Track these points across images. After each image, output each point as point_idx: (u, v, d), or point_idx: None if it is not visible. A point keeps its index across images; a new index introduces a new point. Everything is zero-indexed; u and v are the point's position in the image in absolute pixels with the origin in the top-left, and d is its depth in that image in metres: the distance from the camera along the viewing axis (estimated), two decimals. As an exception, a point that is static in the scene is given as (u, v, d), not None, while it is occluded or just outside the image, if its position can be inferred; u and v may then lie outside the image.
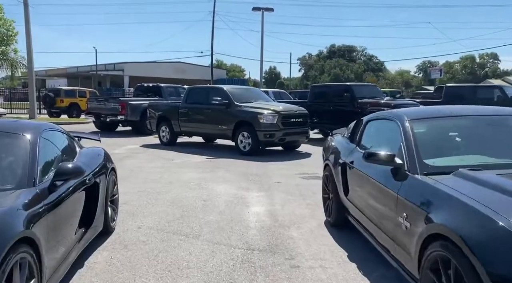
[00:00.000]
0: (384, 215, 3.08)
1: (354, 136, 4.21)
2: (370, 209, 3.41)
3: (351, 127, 4.47)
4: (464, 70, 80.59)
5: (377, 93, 12.45)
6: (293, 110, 9.98)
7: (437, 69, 50.57)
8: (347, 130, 4.72)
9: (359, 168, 3.61)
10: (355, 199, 3.78)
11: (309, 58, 78.86)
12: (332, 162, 4.43)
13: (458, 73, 79.76)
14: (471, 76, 77.59)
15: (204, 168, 8.32)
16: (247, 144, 9.84)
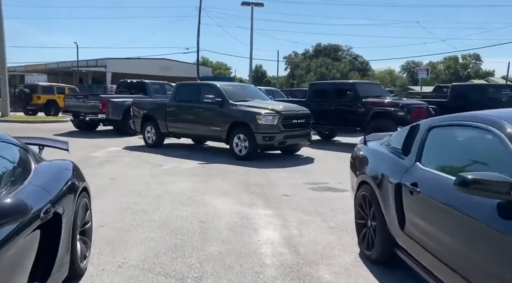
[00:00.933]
0: (480, 266, 2.06)
1: (409, 147, 3.15)
2: (450, 253, 2.37)
3: (402, 136, 3.41)
4: (447, 70, 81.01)
5: (382, 92, 11.50)
6: (295, 111, 8.93)
7: (423, 69, 50.21)
8: (392, 138, 3.66)
9: (433, 195, 2.56)
10: (420, 235, 2.73)
11: (295, 57, 78.15)
12: (376, 180, 3.37)
13: (442, 74, 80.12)
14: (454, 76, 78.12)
15: (197, 175, 7.19)
16: (243, 148, 8.74)
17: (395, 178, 3.07)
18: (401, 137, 3.40)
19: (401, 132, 3.53)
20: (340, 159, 9.06)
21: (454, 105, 11.98)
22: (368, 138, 4.20)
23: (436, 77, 77.67)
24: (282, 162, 8.61)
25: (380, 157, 3.56)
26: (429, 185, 2.65)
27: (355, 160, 4.17)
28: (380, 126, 9.99)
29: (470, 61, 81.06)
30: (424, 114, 10.37)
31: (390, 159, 3.35)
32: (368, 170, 3.64)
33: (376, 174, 3.44)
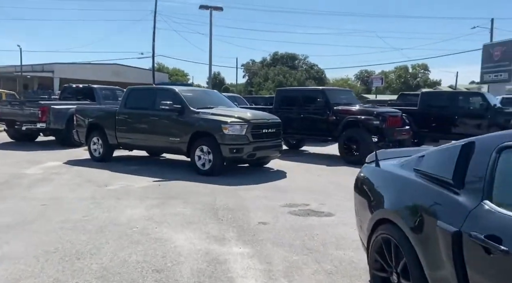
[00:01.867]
0: None
1: (465, 176, 2.13)
2: None
3: (445, 158, 2.35)
4: (398, 79, 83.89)
5: (353, 99, 10.74)
6: (265, 119, 7.86)
7: (378, 78, 51.31)
8: (424, 160, 2.61)
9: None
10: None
11: (253, 65, 77.80)
12: (409, 221, 2.32)
13: (393, 82, 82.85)
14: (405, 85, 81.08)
15: (153, 198, 5.91)
16: (207, 161, 7.55)
17: (449, 222, 2.03)
18: (444, 160, 2.37)
19: (442, 153, 2.51)
20: (313, 172, 8.10)
21: (424, 113, 11.49)
22: (380, 156, 3.18)
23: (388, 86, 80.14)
24: (252, 177, 7.50)
25: (412, 186, 2.52)
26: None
27: (364, 186, 3.13)
28: (353, 136, 9.19)
29: (419, 71, 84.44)
30: (399, 123, 9.71)
31: (431, 191, 2.31)
32: (392, 203, 2.60)
33: (408, 212, 2.40)
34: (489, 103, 10.66)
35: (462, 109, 11.24)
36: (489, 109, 10.57)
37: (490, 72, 25.41)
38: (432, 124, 11.52)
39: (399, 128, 9.50)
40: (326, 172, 8.18)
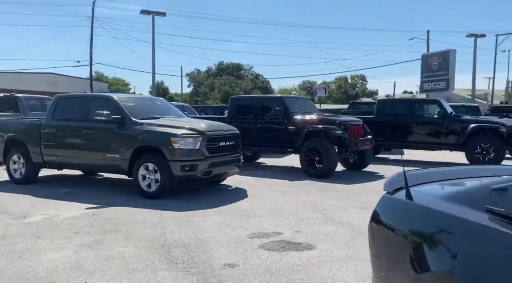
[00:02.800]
0: None
1: None
2: None
3: None
4: (338, 89, 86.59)
5: (312, 108, 10.01)
6: (222, 130, 6.80)
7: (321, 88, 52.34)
8: (505, 193, 1.71)
9: None
10: None
11: (198, 74, 76.37)
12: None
13: (334, 92, 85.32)
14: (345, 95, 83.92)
15: (84, 233, 4.60)
16: (153, 181, 6.33)
17: None
18: None
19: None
20: (276, 189, 7.15)
21: (381, 122, 11.06)
22: (412, 180, 2.21)
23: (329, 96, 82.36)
24: (208, 198, 6.39)
25: (501, 243, 1.58)
26: None
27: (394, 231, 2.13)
28: (316, 147, 8.40)
29: (358, 81, 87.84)
30: (361, 132, 9.09)
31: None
32: (464, 269, 1.65)
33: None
34: (446, 110, 10.44)
35: (420, 117, 10.95)
36: (446, 116, 10.34)
37: (429, 81, 26.36)
38: (387, 133, 11.12)
39: (361, 138, 8.87)
40: (290, 188, 7.28)
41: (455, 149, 10.35)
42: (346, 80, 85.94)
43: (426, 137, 10.67)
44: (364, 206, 5.85)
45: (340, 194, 6.71)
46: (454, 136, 10.24)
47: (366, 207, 5.82)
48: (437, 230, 1.83)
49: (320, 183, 7.72)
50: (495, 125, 9.84)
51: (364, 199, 6.34)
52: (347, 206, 5.90)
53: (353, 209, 5.69)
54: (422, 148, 11.01)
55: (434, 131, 10.58)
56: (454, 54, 25.09)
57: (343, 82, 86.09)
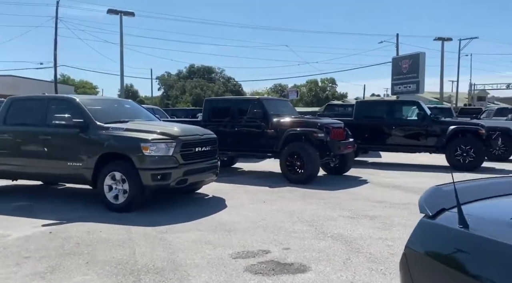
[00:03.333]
0: None
1: None
2: None
3: None
4: (309, 92, 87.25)
5: (291, 110, 9.52)
6: (198, 135, 6.17)
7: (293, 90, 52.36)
8: None
9: None
10: None
11: (169, 77, 74.91)
12: None
13: (305, 95, 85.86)
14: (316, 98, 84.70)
15: (38, 257, 3.87)
16: (120, 192, 5.64)
17: None
18: None
19: None
20: (256, 198, 6.60)
21: (360, 124, 10.75)
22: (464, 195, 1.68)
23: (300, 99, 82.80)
24: (183, 210, 5.76)
25: None
26: None
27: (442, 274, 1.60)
28: (297, 151, 7.91)
29: (328, 85, 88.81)
30: (342, 135, 8.69)
31: None
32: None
33: None
34: (425, 112, 10.23)
35: (399, 119, 10.71)
36: (426, 118, 10.12)
37: (399, 83, 26.62)
38: (366, 135, 10.81)
39: (344, 141, 8.47)
40: (271, 196, 6.74)
41: (435, 151, 10.16)
42: (316, 83, 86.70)
43: (406, 139, 10.43)
44: (353, 215, 5.40)
45: (326, 202, 6.24)
46: (434, 139, 10.03)
47: (355, 216, 5.37)
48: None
49: (303, 190, 7.23)
50: (475, 127, 9.70)
51: (352, 207, 5.89)
52: (336, 215, 5.42)
53: (342, 219, 5.21)
54: (402, 151, 10.77)
55: (414, 133, 10.35)
56: (424, 57, 25.46)
57: (313, 85, 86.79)
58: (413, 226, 1.73)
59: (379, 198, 6.57)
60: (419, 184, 7.79)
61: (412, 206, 5.91)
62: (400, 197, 6.62)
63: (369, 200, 6.42)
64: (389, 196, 6.75)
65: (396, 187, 7.54)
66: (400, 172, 9.55)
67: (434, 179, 8.41)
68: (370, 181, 8.22)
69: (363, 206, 5.99)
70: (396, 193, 6.98)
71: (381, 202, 6.27)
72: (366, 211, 5.66)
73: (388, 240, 4.33)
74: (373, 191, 7.15)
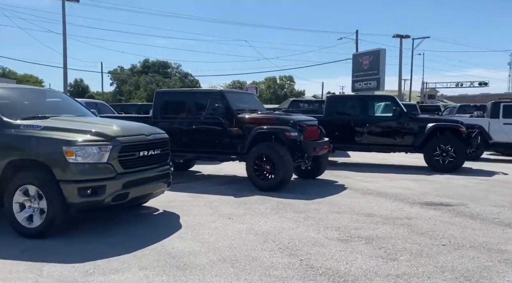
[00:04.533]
0: None
1: None
2: None
3: None
4: (268, 90, 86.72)
5: (258, 105, 8.26)
6: (143, 135, 4.73)
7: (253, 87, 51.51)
8: None
9: None
10: None
11: (122, 72, 71.29)
12: None
13: (263, 92, 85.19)
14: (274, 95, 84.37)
15: None
16: (36, 212, 4.15)
17: None
18: None
19: None
20: (220, 212, 5.30)
21: (331, 121, 9.72)
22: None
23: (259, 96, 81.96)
24: (122, 233, 4.34)
25: None
26: None
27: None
28: (266, 153, 6.68)
29: (286, 82, 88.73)
30: (317, 134, 7.58)
31: None
32: None
33: None
34: (401, 108, 9.37)
35: (373, 116, 9.78)
36: (402, 115, 9.26)
37: (360, 80, 26.18)
38: (336, 133, 9.81)
39: (319, 141, 7.36)
40: (238, 209, 5.48)
41: (412, 151, 9.33)
42: (275, 80, 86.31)
43: (380, 138, 9.53)
44: (344, 237, 4.25)
45: (305, 217, 5.06)
46: (411, 137, 9.19)
47: (347, 238, 4.23)
48: None
49: (275, 199, 6.03)
50: (455, 124, 8.94)
51: (338, 224, 4.75)
52: (323, 238, 4.25)
53: (333, 244, 4.04)
54: (376, 150, 9.86)
55: (389, 131, 9.46)
56: (384, 54, 25.15)
57: (272, 83, 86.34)
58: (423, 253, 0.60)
59: (366, 209, 5.49)
60: (404, 190, 6.83)
61: (408, 221, 4.87)
62: (390, 208, 5.58)
63: (355, 212, 5.32)
64: (376, 206, 5.69)
65: (379, 194, 6.52)
66: (375, 174, 8.60)
67: (417, 183, 7.52)
68: (348, 186, 7.16)
69: (351, 221, 4.87)
70: (382, 202, 5.94)
71: (370, 215, 5.18)
72: (358, 229, 4.53)
73: (400, 279, 3.21)
74: (356, 200, 6.08)
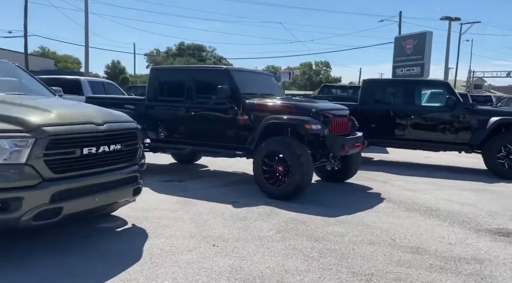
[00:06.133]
0: None
1: None
2: None
3: None
4: (303, 76, 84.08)
5: (275, 88, 6.64)
6: (91, 123, 3.26)
7: (286, 72, 49.31)
8: None
9: None
10: None
11: (157, 55, 71.15)
12: None
13: (298, 78, 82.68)
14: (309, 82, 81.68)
15: None
16: None
17: None
18: None
19: None
20: (204, 230, 3.81)
21: (368, 110, 7.96)
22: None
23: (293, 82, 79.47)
24: (48, 267, 2.96)
25: None
26: None
27: None
28: (279, 151, 5.10)
29: (322, 68, 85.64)
30: (347, 126, 5.88)
31: None
32: None
33: None
34: (458, 97, 7.45)
35: (420, 105, 7.92)
36: (458, 105, 7.35)
37: (402, 66, 23.72)
38: (373, 126, 8.05)
39: (349, 137, 5.68)
40: (231, 229, 3.97)
41: (469, 151, 7.42)
42: (310, 66, 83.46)
43: (428, 133, 7.67)
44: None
45: (323, 249, 3.48)
46: (468, 133, 7.28)
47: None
48: None
49: (285, 213, 4.48)
50: (529, 119, 6.95)
51: (369, 264, 3.14)
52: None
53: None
54: (421, 148, 7.99)
55: (440, 125, 7.58)
56: (431, 37, 22.53)
57: (307, 68, 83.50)
58: None
59: (412, 238, 3.83)
60: (462, 206, 5.05)
61: (479, 269, 3.16)
62: (446, 238, 3.88)
63: (396, 244, 3.67)
64: (426, 234, 4.00)
65: (429, 212, 4.80)
66: (420, 178, 6.82)
67: (478, 195, 5.68)
68: (386, 197, 5.48)
69: (391, 263, 3.24)
70: (434, 227, 4.24)
71: (418, 251, 3.52)
72: (401, 282, 2.90)
73: None
74: (397, 220, 4.41)
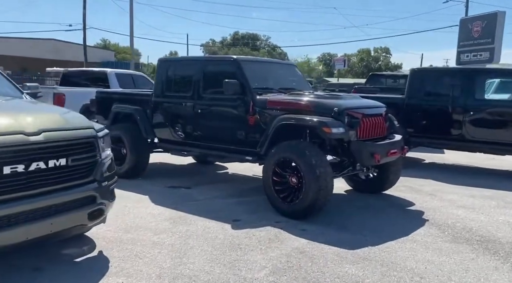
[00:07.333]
0: None
1: None
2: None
3: None
4: (360, 63, 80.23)
5: (298, 80, 5.60)
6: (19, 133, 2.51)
7: (340, 59, 46.95)
8: None
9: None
10: None
11: (213, 45, 71.83)
12: None
13: (355, 66, 79.07)
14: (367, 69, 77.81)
15: None
16: None
17: None
18: None
19: None
20: (180, 267, 3.00)
21: (417, 106, 6.67)
22: None
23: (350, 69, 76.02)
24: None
25: None
26: None
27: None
28: (291, 158, 4.13)
29: (381, 54, 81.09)
30: (381, 128, 4.72)
31: None
32: None
33: None
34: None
35: (482, 98, 6.45)
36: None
37: (468, 51, 21.07)
38: (423, 123, 6.76)
39: (382, 142, 4.54)
40: (215, 267, 3.15)
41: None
42: (369, 53, 79.26)
43: (492, 133, 6.22)
44: None
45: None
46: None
47: None
48: None
49: (293, 239, 3.55)
50: None
51: None
52: None
53: None
54: (484, 150, 6.52)
55: (508, 123, 6.10)
56: (503, 18, 19.69)
57: (365, 55, 79.39)
58: None
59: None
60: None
61: None
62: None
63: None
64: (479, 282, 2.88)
65: (486, 243, 3.60)
66: (478, 189, 5.48)
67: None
68: (430, 217, 4.30)
69: None
70: (492, 271, 3.07)
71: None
72: None
73: None
74: (438, 259, 3.29)
